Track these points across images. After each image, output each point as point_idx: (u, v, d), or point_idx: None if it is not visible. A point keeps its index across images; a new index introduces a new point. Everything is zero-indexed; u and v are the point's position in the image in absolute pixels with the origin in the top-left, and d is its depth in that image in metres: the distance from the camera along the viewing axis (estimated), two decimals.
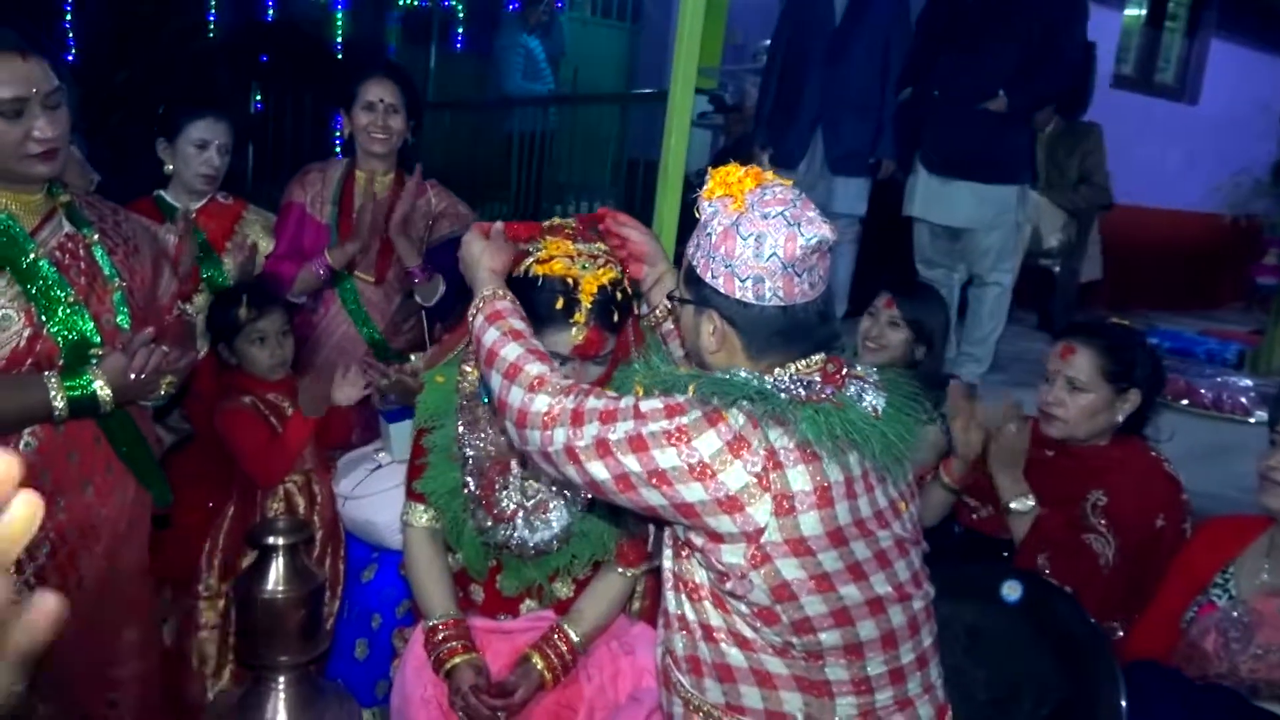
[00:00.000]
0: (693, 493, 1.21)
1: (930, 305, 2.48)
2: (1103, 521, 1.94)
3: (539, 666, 1.67)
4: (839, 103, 4.06)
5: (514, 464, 1.70)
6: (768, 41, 4.76)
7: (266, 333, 2.30)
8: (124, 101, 3.19)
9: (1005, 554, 2.03)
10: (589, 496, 1.65)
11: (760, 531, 1.20)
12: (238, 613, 1.98)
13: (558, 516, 1.68)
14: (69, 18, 5.92)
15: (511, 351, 1.38)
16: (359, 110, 2.59)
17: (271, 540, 1.82)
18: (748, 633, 1.28)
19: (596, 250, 1.61)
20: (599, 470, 1.25)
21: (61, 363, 1.64)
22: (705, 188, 1.31)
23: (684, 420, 1.22)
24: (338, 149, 2.78)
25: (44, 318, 1.62)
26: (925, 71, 3.83)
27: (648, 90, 6.19)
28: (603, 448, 1.24)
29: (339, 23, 6.80)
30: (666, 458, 1.21)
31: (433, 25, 7.17)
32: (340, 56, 6.74)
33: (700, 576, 1.31)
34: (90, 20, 5.89)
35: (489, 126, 6.76)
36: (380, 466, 2.29)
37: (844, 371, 1.32)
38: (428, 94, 6.89)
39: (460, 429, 1.71)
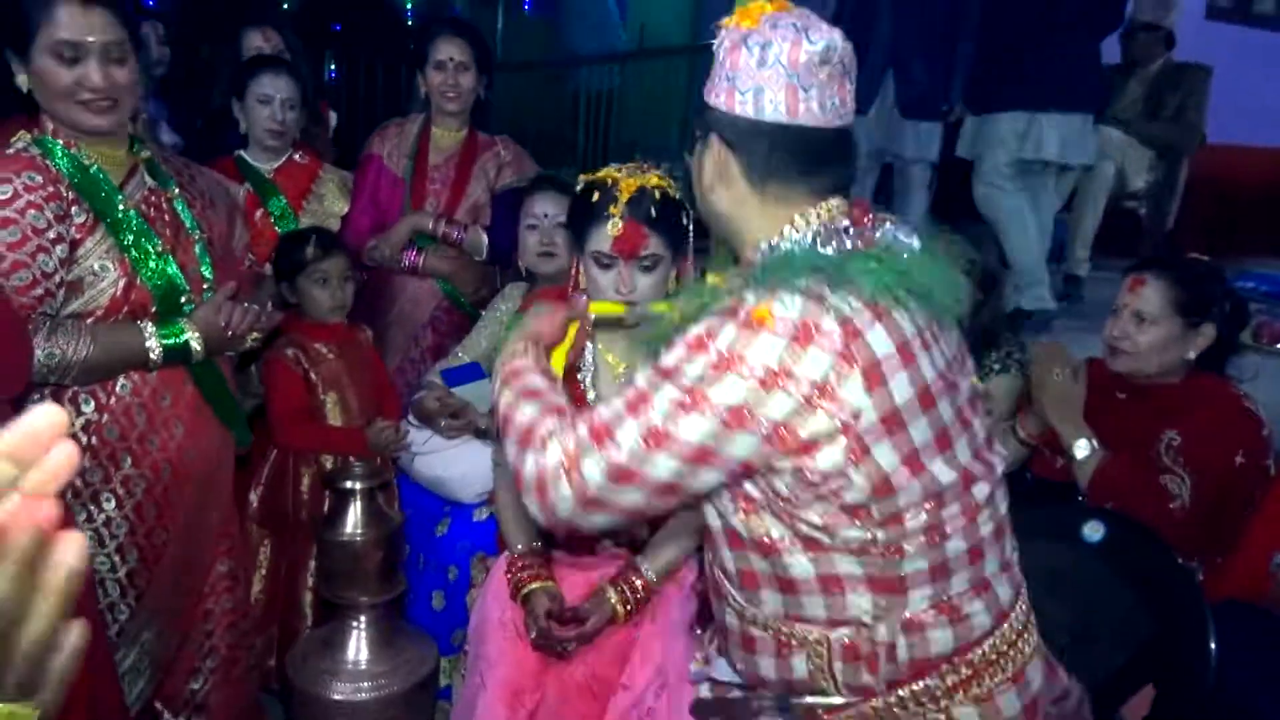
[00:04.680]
0: (779, 403, 1.03)
1: (983, 242, 2.43)
2: (1179, 460, 1.87)
3: (612, 600, 1.71)
4: (909, 46, 3.95)
5: None
6: None
7: (329, 274, 2.31)
8: (211, 70, 3.28)
9: (1080, 498, 1.98)
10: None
11: (857, 416, 1.04)
12: (318, 555, 2.05)
13: None
14: None
15: (526, 414, 1.18)
16: (431, 69, 2.64)
17: (349, 484, 1.88)
18: (819, 535, 1.11)
19: (647, 168, 1.71)
20: (665, 465, 1.06)
21: (155, 310, 1.71)
22: (725, 19, 1.21)
23: (722, 343, 1.04)
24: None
25: (136, 268, 1.69)
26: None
27: (713, 42, 6.09)
28: (655, 437, 1.05)
29: None
30: (732, 390, 1.03)
31: None
32: (410, 22, 6.80)
33: (754, 490, 1.14)
34: None
35: (556, 87, 6.76)
36: None
37: (871, 215, 1.19)
38: (496, 55, 6.90)
39: None
